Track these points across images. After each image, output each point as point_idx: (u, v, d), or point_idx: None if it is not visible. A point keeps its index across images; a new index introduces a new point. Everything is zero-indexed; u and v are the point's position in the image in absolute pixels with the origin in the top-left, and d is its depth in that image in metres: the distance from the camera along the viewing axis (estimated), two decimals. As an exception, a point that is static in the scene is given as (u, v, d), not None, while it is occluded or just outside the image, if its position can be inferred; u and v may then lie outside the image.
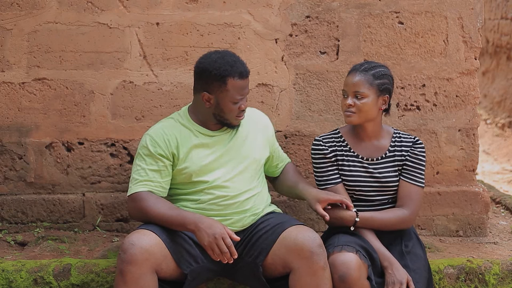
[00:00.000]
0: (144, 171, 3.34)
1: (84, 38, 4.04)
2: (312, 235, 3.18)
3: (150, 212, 3.26)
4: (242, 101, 3.35)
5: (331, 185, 3.45)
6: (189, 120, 3.43)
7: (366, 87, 3.37)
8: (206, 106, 3.36)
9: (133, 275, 3.10)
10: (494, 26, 9.59)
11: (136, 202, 3.31)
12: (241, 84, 3.32)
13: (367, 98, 3.37)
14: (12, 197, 4.12)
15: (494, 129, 9.07)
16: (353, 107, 3.37)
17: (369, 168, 3.46)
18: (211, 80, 3.31)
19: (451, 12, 4.11)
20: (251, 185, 3.44)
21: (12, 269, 3.53)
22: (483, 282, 3.66)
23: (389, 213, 3.43)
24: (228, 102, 3.32)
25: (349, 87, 3.39)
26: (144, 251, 3.12)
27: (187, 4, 4.04)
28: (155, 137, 3.38)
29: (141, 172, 3.35)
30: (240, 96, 3.33)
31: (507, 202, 4.86)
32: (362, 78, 3.37)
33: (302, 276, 3.14)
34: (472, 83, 4.17)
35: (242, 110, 3.37)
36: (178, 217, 3.22)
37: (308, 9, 4.07)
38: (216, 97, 3.33)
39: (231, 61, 3.32)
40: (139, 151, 3.40)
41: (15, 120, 4.09)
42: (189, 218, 3.21)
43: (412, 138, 3.50)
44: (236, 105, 3.34)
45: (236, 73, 3.30)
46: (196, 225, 3.18)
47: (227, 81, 3.29)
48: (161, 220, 3.24)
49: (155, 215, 3.25)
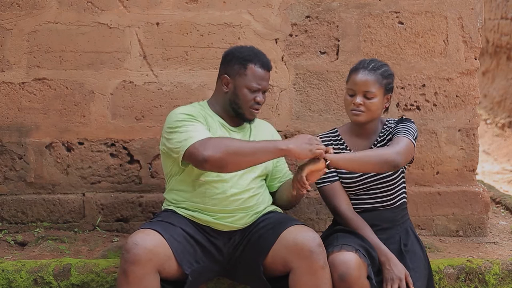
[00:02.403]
0: (194, 126, 3.25)
1: (84, 38, 4.04)
2: (311, 235, 3.18)
3: (235, 143, 3.18)
4: (258, 92, 3.38)
5: (328, 183, 3.46)
6: (210, 110, 3.47)
7: (376, 87, 3.37)
8: (224, 90, 3.41)
9: (136, 275, 3.09)
10: (494, 26, 9.60)
11: (209, 141, 3.16)
12: (260, 73, 3.37)
13: (376, 98, 3.38)
14: (12, 197, 4.12)
15: (494, 129, 9.07)
16: (363, 106, 3.37)
17: None
18: (232, 63, 3.39)
19: (451, 12, 4.11)
20: (256, 184, 3.45)
21: (12, 269, 3.53)
22: (483, 282, 3.66)
23: (370, 151, 3.30)
24: (244, 88, 3.36)
25: (358, 86, 3.38)
26: (147, 251, 3.10)
27: (187, 4, 4.04)
28: (188, 112, 3.34)
29: (191, 128, 3.24)
30: (257, 85, 3.37)
31: (507, 202, 4.86)
32: (372, 78, 3.37)
33: (302, 275, 3.15)
34: (472, 83, 4.17)
35: (257, 102, 3.39)
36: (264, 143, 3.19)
37: (308, 9, 4.08)
38: (235, 81, 3.38)
39: (256, 51, 3.44)
40: (176, 120, 3.28)
41: (15, 120, 4.09)
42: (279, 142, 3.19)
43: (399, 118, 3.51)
44: (252, 95, 3.37)
45: (258, 61, 3.38)
46: (287, 145, 3.14)
47: (248, 66, 3.37)
48: (252, 149, 3.17)
49: (242, 146, 3.17)
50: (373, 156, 3.25)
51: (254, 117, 3.46)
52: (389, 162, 3.23)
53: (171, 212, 3.41)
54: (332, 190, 3.45)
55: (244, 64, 3.37)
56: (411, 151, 3.33)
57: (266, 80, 3.41)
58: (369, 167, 3.27)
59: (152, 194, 4.11)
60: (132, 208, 4.11)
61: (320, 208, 4.10)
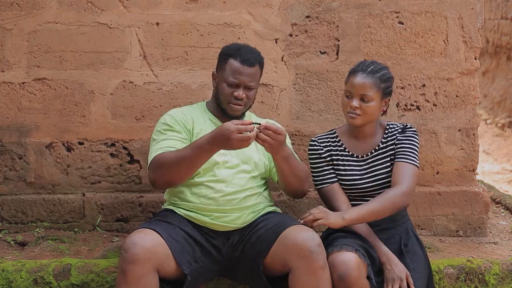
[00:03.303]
0: (164, 141, 3.36)
1: (84, 38, 4.04)
2: (311, 235, 3.18)
3: (167, 161, 3.23)
4: (237, 87, 3.39)
5: (327, 184, 3.46)
6: (205, 109, 3.53)
7: (373, 91, 3.36)
8: (213, 86, 3.49)
9: (134, 275, 3.09)
10: (494, 26, 9.60)
11: (155, 164, 3.28)
12: (239, 68, 3.38)
13: (373, 101, 3.36)
14: (12, 197, 4.12)
15: (494, 129, 9.07)
16: (359, 109, 3.36)
17: (364, 165, 3.46)
18: (219, 59, 3.48)
19: (451, 12, 4.11)
20: (254, 183, 3.44)
21: (12, 269, 3.53)
22: (483, 282, 3.66)
23: (381, 198, 3.29)
24: (223, 83, 3.41)
25: (356, 89, 3.36)
26: (146, 250, 3.11)
27: (187, 4, 4.04)
28: (173, 115, 3.46)
29: (160, 142, 3.36)
30: (234, 79, 3.38)
31: (507, 202, 4.86)
32: (370, 81, 3.35)
33: (302, 275, 3.14)
34: (472, 83, 4.17)
35: (235, 97, 3.39)
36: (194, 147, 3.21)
37: (308, 9, 4.08)
38: (218, 76, 3.46)
39: (241, 47, 3.47)
40: (157, 128, 3.44)
41: (15, 120, 4.09)
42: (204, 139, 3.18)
43: (402, 125, 3.50)
44: (230, 89, 3.39)
45: (239, 56, 3.40)
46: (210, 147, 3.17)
47: (228, 61, 3.41)
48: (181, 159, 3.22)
49: (173, 158, 3.22)
50: (386, 206, 3.28)
51: (236, 113, 3.43)
52: (401, 207, 3.33)
53: (170, 211, 3.42)
54: (331, 191, 3.45)
55: (226, 59, 3.42)
56: (416, 177, 3.40)
57: (246, 75, 3.38)
58: (384, 215, 3.31)
59: (152, 194, 4.11)
60: (132, 208, 4.11)
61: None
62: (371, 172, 3.45)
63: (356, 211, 3.27)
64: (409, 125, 3.48)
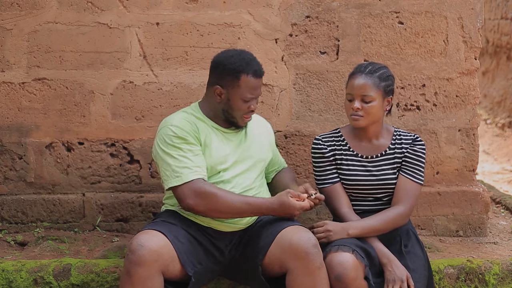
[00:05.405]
0: (186, 158, 3.25)
1: (84, 38, 4.04)
2: (307, 236, 3.17)
3: (218, 200, 3.23)
4: (252, 101, 3.33)
5: (329, 184, 3.46)
6: (202, 114, 3.41)
7: (373, 91, 3.35)
8: (217, 100, 3.35)
9: (140, 276, 3.07)
10: (494, 26, 9.59)
11: (198, 190, 3.22)
12: (254, 82, 3.30)
13: (374, 101, 3.36)
14: (12, 197, 4.12)
15: (494, 129, 9.07)
16: (361, 111, 3.36)
17: (368, 166, 3.46)
18: (224, 74, 3.31)
19: (451, 12, 4.11)
20: (255, 184, 3.44)
21: (12, 269, 3.53)
22: (483, 282, 3.66)
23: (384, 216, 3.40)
24: (238, 99, 3.31)
25: (355, 90, 3.36)
26: (153, 252, 3.08)
27: (187, 4, 4.04)
28: (181, 126, 3.31)
29: (183, 160, 3.25)
30: (251, 95, 3.31)
31: (507, 202, 4.86)
32: (369, 81, 3.36)
33: (299, 276, 3.14)
34: (472, 83, 4.17)
35: (251, 110, 3.34)
36: (250, 206, 3.26)
37: (308, 9, 4.08)
38: (228, 92, 3.31)
39: (247, 59, 3.32)
40: (168, 141, 3.27)
41: (15, 120, 4.09)
42: (265, 206, 3.27)
43: (412, 135, 3.50)
44: (246, 104, 3.32)
45: (251, 70, 3.29)
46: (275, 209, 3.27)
47: (241, 77, 3.28)
48: (232, 208, 3.25)
49: (224, 203, 3.23)
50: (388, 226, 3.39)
51: (246, 123, 3.42)
52: (400, 225, 3.43)
53: (172, 212, 3.40)
54: (333, 192, 3.45)
55: (237, 75, 3.28)
56: (419, 194, 3.49)
57: (259, 87, 3.35)
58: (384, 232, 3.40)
59: (152, 194, 4.11)
60: (132, 208, 4.11)
61: (320, 208, 4.09)
62: (376, 174, 3.45)
63: (359, 228, 3.35)
64: (419, 137, 3.50)
